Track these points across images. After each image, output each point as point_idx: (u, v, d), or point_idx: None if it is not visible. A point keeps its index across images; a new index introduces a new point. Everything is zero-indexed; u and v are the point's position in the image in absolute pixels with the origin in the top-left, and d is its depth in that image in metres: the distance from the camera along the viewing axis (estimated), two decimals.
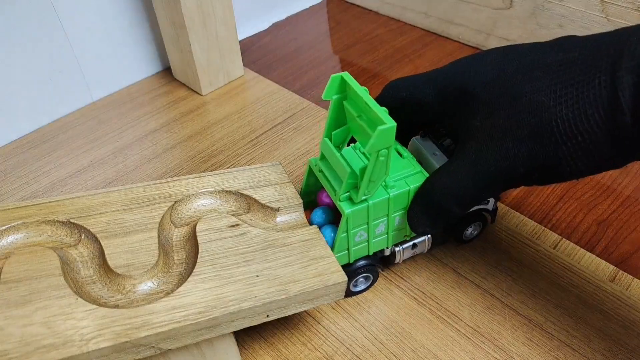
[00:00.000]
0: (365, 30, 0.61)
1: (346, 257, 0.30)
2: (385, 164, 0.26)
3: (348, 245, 0.29)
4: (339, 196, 0.28)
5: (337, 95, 0.27)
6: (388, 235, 0.30)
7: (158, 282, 0.26)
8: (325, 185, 0.29)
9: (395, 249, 0.32)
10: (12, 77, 0.43)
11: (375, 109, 0.24)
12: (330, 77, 0.27)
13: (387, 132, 0.24)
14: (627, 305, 0.32)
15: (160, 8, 0.46)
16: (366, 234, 0.29)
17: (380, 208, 0.28)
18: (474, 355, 0.29)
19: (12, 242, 0.26)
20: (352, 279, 0.31)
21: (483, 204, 0.33)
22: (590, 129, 0.23)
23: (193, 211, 0.30)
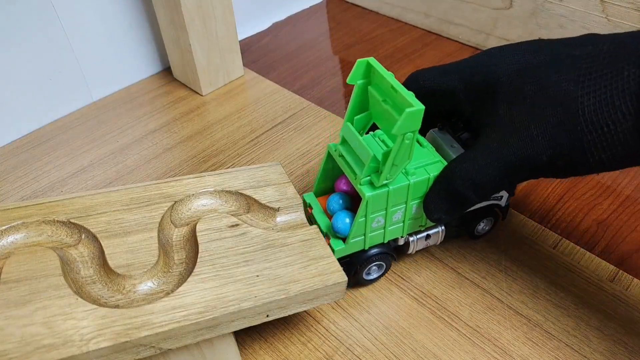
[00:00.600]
0: (365, 30, 0.61)
1: (361, 243, 0.30)
2: (410, 148, 0.26)
3: (365, 231, 0.29)
4: (359, 180, 0.27)
5: (362, 80, 0.27)
6: (404, 224, 0.30)
7: (158, 282, 0.26)
8: (345, 169, 0.29)
9: (410, 239, 0.31)
10: (12, 77, 0.43)
11: (403, 92, 0.24)
12: (356, 61, 0.27)
13: (415, 114, 0.24)
14: (627, 305, 0.32)
15: (160, 8, 0.46)
16: (383, 220, 0.29)
17: (400, 194, 0.28)
18: (474, 355, 0.29)
19: (12, 242, 0.26)
20: (365, 267, 0.31)
21: (496, 199, 0.33)
22: (616, 120, 0.23)
23: (193, 211, 0.30)
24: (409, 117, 0.24)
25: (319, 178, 0.32)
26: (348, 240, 0.29)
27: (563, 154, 0.24)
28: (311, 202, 0.32)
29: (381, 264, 0.32)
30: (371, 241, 0.30)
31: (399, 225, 0.30)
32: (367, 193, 0.27)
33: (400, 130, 0.24)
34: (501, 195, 0.33)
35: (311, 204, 0.32)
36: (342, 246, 0.29)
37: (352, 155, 0.29)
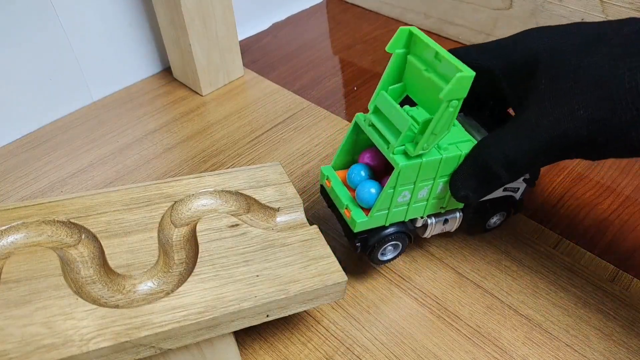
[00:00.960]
0: (365, 31, 0.61)
1: (383, 218, 0.29)
2: (452, 117, 0.25)
3: (390, 205, 0.28)
4: (392, 149, 0.27)
5: (401, 49, 0.27)
6: (427, 202, 0.29)
7: (158, 282, 0.26)
8: (375, 139, 0.28)
9: (428, 221, 0.31)
10: (12, 77, 0.43)
11: (451, 59, 0.24)
12: (398, 29, 0.26)
13: (465, 80, 0.23)
14: (627, 305, 0.32)
15: (160, 8, 0.46)
16: (409, 195, 0.28)
17: (431, 168, 0.28)
18: (474, 355, 0.29)
19: (12, 242, 0.26)
20: (382, 245, 0.30)
21: (513, 191, 0.32)
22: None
23: (193, 211, 0.30)
24: (459, 81, 0.23)
25: (340, 150, 0.31)
26: (372, 213, 0.28)
27: (604, 129, 0.24)
28: (329, 174, 0.31)
29: (397, 244, 0.31)
30: (393, 217, 0.29)
31: (422, 203, 0.29)
32: (401, 162, 0.26)
33: (449, 96, 0.23)
34: (518, 187, 0.32)
35: (329, 176, 0.31)
36: (364, 219, 0.28)
37: (385, 124, 0.28)
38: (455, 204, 0.31)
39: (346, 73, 0.54)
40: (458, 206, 0.31)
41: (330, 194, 0.31)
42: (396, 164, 0.26)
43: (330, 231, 0.37)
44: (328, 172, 0.31)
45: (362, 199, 0.28)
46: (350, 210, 0.29)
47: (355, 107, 0.49)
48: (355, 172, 0.30)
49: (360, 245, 0.30)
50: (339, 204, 0.30)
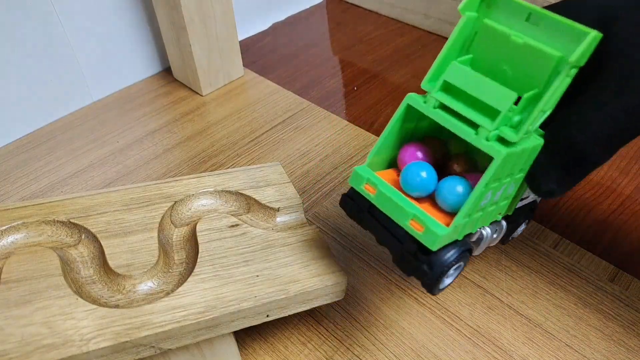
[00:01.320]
0: (365, 31, 0.61)
1: (462, 229, 0.22)
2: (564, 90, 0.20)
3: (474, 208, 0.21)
4: (485, 134, 0.20)
5: (474, 12, 0.22)
6: (497, 207, 0.23)
7: (158, 282, 0.26)
8: (450, 124, 0.21)
9: (483, 232, 0.24)
10: (12, 77, 0.43)
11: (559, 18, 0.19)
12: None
13: (596, 41, 0.19)
14: (627, 305, 0.32)
15: (160, 8, 0.46)
16: (490, 196, 0.22)
17: (520, 159, 0.22)
18: (474, 355, 0.29)
19: (12, 242, 0.26)
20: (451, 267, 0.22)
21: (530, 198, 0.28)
22: None
23: (193, 211, 0.30)
24: (592, 42, 0.19)
25: (381, 144, 0.23)
26: (458, 220, 0.20)
27: None
28: (370, 176, 0.22)
29: (461, 264, 0.23)
30: (468, 227, 0.22)
31: (493, 208, 0.23)
32: (503, 150, 0.20)
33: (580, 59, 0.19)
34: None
35: (371, 178, 0.22)
36: (447, 230, 0.20)
37: (465, 103, 0.21)
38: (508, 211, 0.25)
39: (346, 73, 0.54)
40: (509, 213, 0.25)
41: (377, 202, 0.22)
42: (497, 153, 0.20)
43: (330, 231, 0.37)
44: (368, 174, 0.23)
45: (445, 200, 0.21)
46: (422, 222, 0.21)
47: (356, 107, 0.49)
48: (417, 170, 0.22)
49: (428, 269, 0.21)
50: (399, 215, 0.21)
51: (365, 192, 0.23)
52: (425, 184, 0.22)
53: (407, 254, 0.22)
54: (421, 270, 0.22)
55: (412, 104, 0.22)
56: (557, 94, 0.20)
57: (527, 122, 0.20)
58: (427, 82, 0.22)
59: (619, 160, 0.43)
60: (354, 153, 0.43)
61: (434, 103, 0.22)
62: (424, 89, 0.22)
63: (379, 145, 0.23)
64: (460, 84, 0.21)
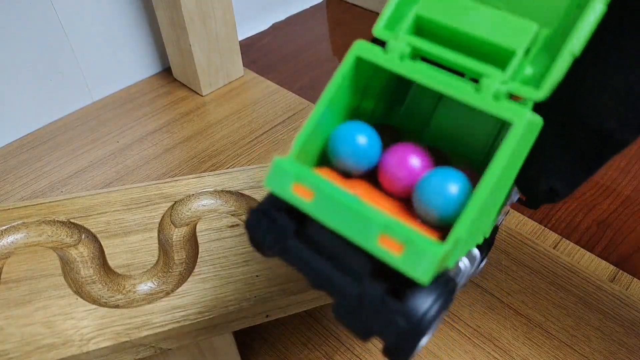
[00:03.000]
0: (366, 31, 0.61)
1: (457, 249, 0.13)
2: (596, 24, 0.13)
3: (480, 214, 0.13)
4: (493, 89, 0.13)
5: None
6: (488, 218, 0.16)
7: (158, 282, 0.26)
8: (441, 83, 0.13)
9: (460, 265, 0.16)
10: (12, 77, 0.43)
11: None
12: None
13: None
14: (627, 305, 0.32)
15: (160, 8, 0.46)
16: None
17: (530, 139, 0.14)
18: (474, 355, 0.29)
19: (12, 242, 0.26)
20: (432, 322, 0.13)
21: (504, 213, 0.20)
22: None
23: (193, 211, 0.30)
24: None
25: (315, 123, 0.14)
26: (459, 231, 0.12)
27: None
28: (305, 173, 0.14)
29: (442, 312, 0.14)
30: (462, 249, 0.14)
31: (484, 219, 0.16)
32: (527, 112, 0.13)
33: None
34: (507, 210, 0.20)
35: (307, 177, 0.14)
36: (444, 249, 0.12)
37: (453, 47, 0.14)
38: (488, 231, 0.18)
39: None
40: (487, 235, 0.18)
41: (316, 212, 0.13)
42: (518, 116, 0.13)
43: None
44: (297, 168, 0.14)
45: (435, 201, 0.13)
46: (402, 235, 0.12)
47: None
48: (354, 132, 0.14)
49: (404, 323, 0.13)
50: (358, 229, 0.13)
51: (295, 197, 0.14)
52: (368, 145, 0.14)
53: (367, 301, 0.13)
54: (394, 326, 0.13)
55: (364, 57, 0.14)
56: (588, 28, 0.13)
57: (553, 71, 0.13)
58: (384, 25, 0.14)
59: (619, 160, 0.43)
60: None
61: (402, 51, 0.14)
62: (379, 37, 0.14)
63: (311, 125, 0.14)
64: (445, 17, 0.14)
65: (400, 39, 0.14)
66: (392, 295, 0.13)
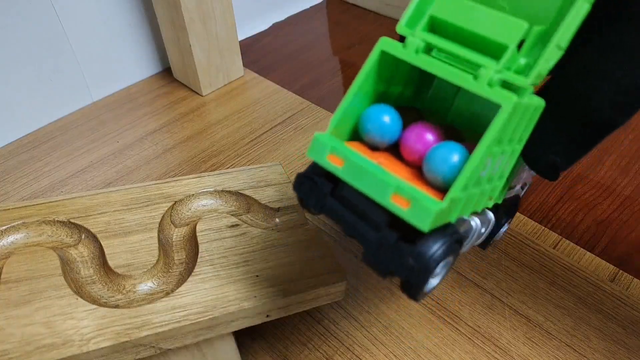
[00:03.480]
0: (365, 31, 0.61)
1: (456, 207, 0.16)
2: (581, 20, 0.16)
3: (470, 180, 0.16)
4: (488, 77, 0.16)
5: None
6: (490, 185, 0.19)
7: (158, 282, 0.26)
8: (446, 72, 0.16)
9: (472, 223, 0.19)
10: (12, 77, 0.43)
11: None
12: None
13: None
14: (627, 305, 0.32)
15: (160, 8, 0.46)
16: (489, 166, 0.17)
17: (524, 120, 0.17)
18: (474, 355, 0.29)
19: (12, 242, 0.26)
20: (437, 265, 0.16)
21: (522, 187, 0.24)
22: None
23: (193, 211, 0.30)
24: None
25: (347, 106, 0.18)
26: (454, 191, 0.15)
27: None
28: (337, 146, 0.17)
29: (449, 260, 0.18)
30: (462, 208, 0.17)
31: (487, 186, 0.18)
32: (513, 96, 0.15)
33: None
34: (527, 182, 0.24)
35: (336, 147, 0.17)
36: (441, 206, 0.15)
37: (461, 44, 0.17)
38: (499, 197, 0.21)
39: (346, 73, 0.54)
40: (499, 201, 0.21)
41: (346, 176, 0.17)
42: (506, 100, 0.15)
43: (330, 231, 0.37)
44: (332, 141, 0.17)
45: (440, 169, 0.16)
46: (408, 194, 0.15)
47: None
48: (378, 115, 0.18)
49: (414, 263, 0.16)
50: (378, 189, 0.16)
51: (330, 164, 0.17)
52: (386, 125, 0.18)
53: (385, 245, 0.17)
54: (405, 265, 0.16)
55: (387, 50, 0.17)
56: (574, 25, 0.16)
57: (540, 61, 0.16)
58: (405, 23, 0.17)
59: (619, 160, 0.43)
60: None
61: (418, 46, 0.17)
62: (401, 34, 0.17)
63: (344, 107, 0.17)
64: (454, 17, 0.17)
65: (417, 35, 0.17)
66: (404, 240, 0.16)
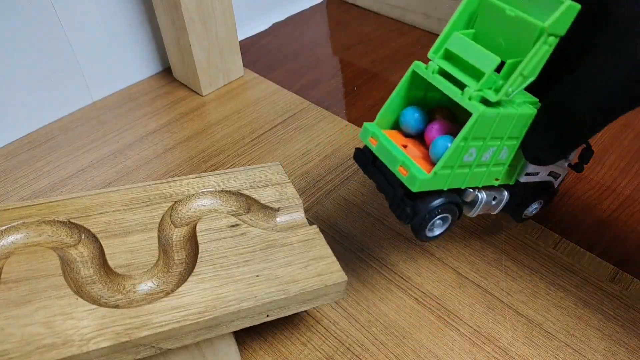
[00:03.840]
0: (365, 31, 0.61)
1: (445, 179, 0.25)
2: (545, 58, 0.22)
3: (456, 162, 0.24)
4: (470, 93, 0.23)
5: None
6: (487, 169, 0.26)
7: (158, 282, 0.26)
8: (444, 87, 0.24)
9: (479, 195, 0.27)
10: (12, 77, 0.43)
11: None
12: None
13: (572, 11, 0.21)
14: (627, 305, 0.32)
15: (160, 8, 0.46)
16: (475, 154, 0.25)
17: (506, 123, 0.24)
18: (474, 355, 0.29)
19: (12, 242, 0.26)
20: (434, 215, 0.26)
21: (554, 176, 0.30)
22: None
23: (193, 211, 0.30)
24: (567, 12, 0.21)
25: (387, 107, 0.27)
26: (437, 169, 0.24)
27: None
28: (375, 131, 0.27)
29: (447, 216, 0.26)
30: (454, 181, 0.25)
31: (483, 169, 0.26)
32: (480, 108, 0.23)
33: (553, 27, 0.21)
34: (559, 173, 0.30)
35: (375, 133, 0.27)
36: (426, 176, 0.24)
37: (460, 68, 0.24)
38: (506, 179, 0.28)
39: (346, 73, 0.54)
40: (509, 182, 0.28)
41: (377, 152, 0.26)
42: (475, 109, 0.23)
43: (330, 231, 0.37)
44: (373, 128, 0.27)
45: (437, 153, 0.25)
46: (407, 167, 0.24)
47: (356, 107, 0.49)
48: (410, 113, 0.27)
49: (411, 212, 0.25)
50: (391, 162, 0.25)
51: (370, 144, 0.27)
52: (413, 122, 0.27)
53: (396, 198, 0.26)
54: (406, 213, 0.25)
55: (416, 70, 0.26)
56: (535, 60, 0.22)
57: (507, 84, 0.23)
58: (432, 52, 0.25)
59: (619, 160, 0.43)
60: None
61: (434, 68, 0.25)
62: (429, 58, 0.25)
63: (385, 109, 0.27)
64: (458, 50, 0.24)
65: (435, 61, 0.25)
66: (408, 197, 0.25)
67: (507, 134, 0.25)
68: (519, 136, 0.25)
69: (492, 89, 0.23)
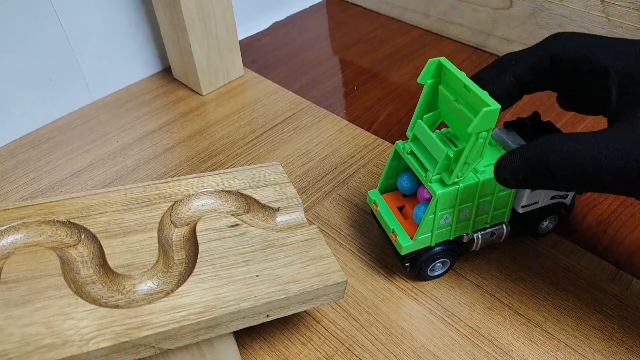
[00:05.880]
0: (365, 30, 0.61)
1: (429, 239, 0.30)
2: (483, 147, 0.26)
3: (433, 228, 0.29)
4: (429, 177, 0.28)
5: (432, 79, 0.28)
6: (471, 221, 0.31)
7: (158, 282, 0.26)
8: (414, 167, 0.29)
9: (474, 236, 0.31)
10: (12, 77, 0.43)
11: (477, 92, 0.25)
12: (428, 61, 0.28)
13: (492, 114, 0.24)
14: (627, 305, 0.32)
15: (160, 8, 0.46)
16: (451, 217, 0.29)
17: (469, 192, 0.29)
18: (474, 355, 0.29)
19: (12, 242, 0.26)
20: (430, 263, 0.31)
21: (562, 197, 0.32)
22: None
23: (193, 211, 0.30)
24: (486, 116, 0.24)
25: (384, 176, 0.33)
26: (416, 237, 0.29)
27: None
28: (376, 198, 0.33)
29: (446, 260, 0.32)
30: (437, 238, 0.30)
31: (466, 222, 0.30)
32: (438, 191, 0.28)
33: (476, 129, 0.25)
34: (567, 194, 0.32)
35: (376, 200, 0.33)
36: (409, 242, 0.30)
37: (423, 152, 0.29)
38: (499, 218, 0.31)
39: (346, 73, 0.54)
40: (503, 219, 0.32)
41: (378, 217, 0.33)
42: (434, 193, 0.28)
43: (330, 231, 0.37)
44: (375, 196, 0.33)
45: (419, 218, 0.30)
46: (396, 235, 0.30)
47: (355, 107, 0.49)
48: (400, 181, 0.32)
49: (409, 265, 0.31)
50: (386, 228, 0.32)
51: (373, 209, 0.33)
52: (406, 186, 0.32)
53: (397, 253, 0.31)
54: (404, 265, 0.31)
55: (397, 150, 0.31)
56: (474, 152, 0.26)
57: (456, 170, 0.27)
58: (408, 130, 0.30)
59: None
60: (353, 153, 0.43)
61: (408, 150, 0.30)
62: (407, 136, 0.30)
63: (383, 177, 0.33)
64: (420, 137, 0.29)
65: (408, 143, 0.30)
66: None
67: (476, 197, 0.29)
68: (493, 192, 0.30)
69: (449, 169, 0.28)
